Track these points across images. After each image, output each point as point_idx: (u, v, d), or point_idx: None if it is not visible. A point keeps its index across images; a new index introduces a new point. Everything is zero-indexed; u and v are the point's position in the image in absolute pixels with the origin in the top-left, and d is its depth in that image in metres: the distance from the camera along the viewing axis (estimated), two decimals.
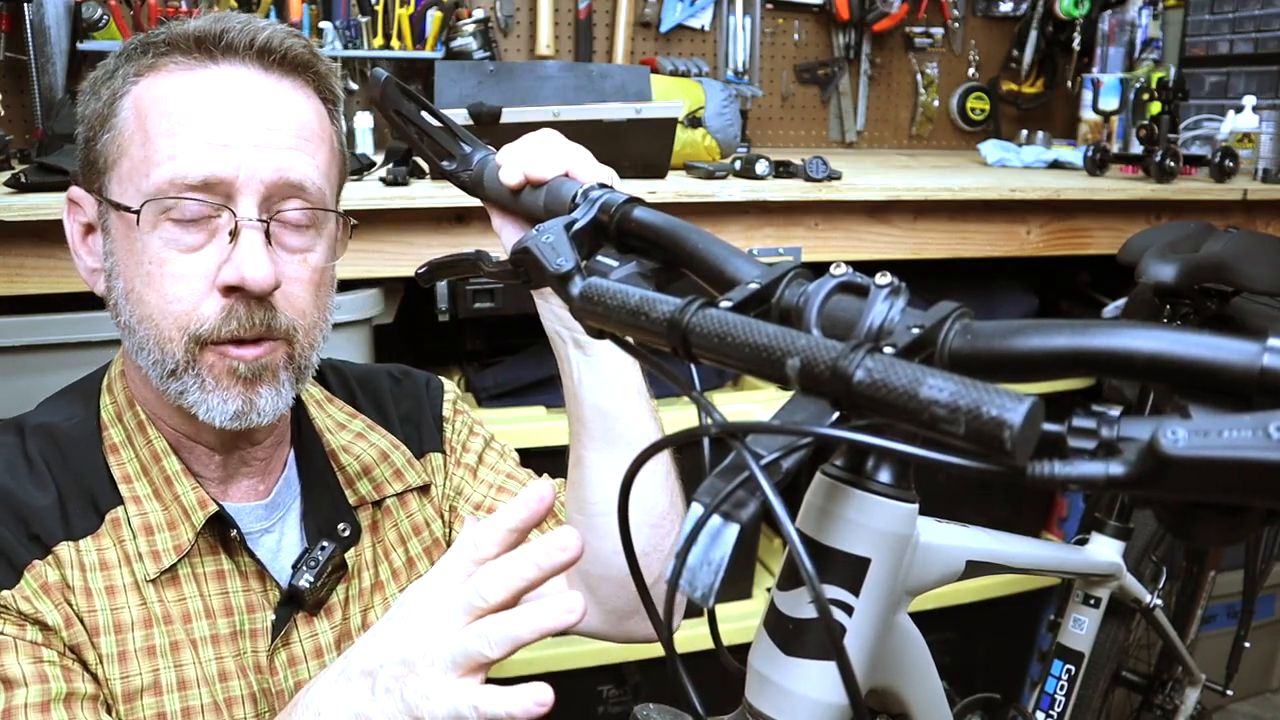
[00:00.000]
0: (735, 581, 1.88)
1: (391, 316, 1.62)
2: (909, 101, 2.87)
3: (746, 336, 0.48)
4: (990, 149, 2.29)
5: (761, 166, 1.71)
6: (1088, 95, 2.51)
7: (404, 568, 0.97)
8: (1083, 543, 1.37)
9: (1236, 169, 1.98)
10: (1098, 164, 2.02)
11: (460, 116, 1.53)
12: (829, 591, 0.57)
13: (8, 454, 0.82)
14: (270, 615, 0.87)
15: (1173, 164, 1.90)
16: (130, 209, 0.78)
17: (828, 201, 1.69)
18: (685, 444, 0.52)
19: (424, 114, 0.83)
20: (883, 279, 0.52)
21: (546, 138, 0.80)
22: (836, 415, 0.45)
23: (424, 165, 1.62)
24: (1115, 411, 0.42)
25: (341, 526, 0.92)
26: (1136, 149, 2.06)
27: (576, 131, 0.83)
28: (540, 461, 1.11)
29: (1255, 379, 0.40)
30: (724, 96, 1.96)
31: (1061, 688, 1.38)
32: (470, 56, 2.27)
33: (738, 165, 1.74)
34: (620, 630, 0.98)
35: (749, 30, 2.63)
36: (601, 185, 0.73)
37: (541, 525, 0.87)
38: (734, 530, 0.45)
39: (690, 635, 0.88)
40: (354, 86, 2.21)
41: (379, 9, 2.20)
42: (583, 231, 0.69)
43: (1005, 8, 2.84)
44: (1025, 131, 2.61)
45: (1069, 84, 2.82)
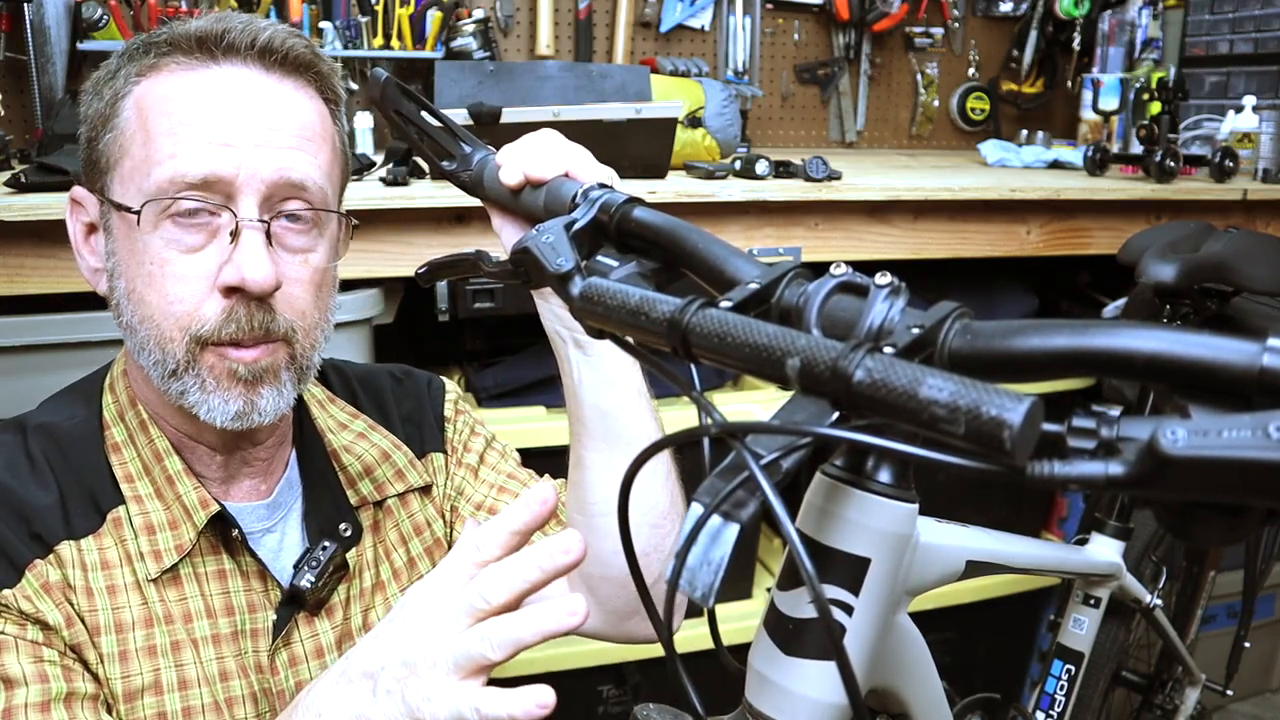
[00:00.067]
0: (735, 581, 1.88)
1: (391, 316, 1.62)
2: (909, 101, 2.87)
3: (746, 336, 0.48)
4: (990, 149, 2.29)
5: (761, 166, 1.71)
6: (1088, 95, 2.51)
7: (405, 568, 0.97)
8: (1083, 543, 1.37)
9: (1236, 169, 1.98)
10: (1098, 164, 2.02)
11: (460, 116, 1.53)
12: (829, 591, 0.57)
13: (9, 453, 0.82)
14: (271, 615, 0.87)
15: (1173, 164, 1.90)
16: (131, 209, 0.78)
17: (828, 201, 1.68)
18: (685, 444, 0.52)
19: (424, 114, 0.83)
20: (882, 279, 0.52)
21: (546, 138, 0.80)
22: (836, 415, 0.45)
23: (424, 165, 1.62)
24: (1115, 411, 0.42)
25: (343, 526, 0.92)
26: (1136, 149, 2.06)
27: (576, 131, 0.83)
28: (540, 461, 1.11)
29: (1255, 379, 0.40)
30: (724, 96, 1.96)
31: (1061, 688, 1.38)
32: (470, 56, 2.27)
33: (738, 165, 1.74)
34: (621, 631, 0.98)
35: (749, 30, 2.63)
36: (601, 185, 0.73)
37: (543, 527, 0.87)
38: (734, 530, 0.45)
39: (690, 635, 0.88)
40: (354, 86, 2.21)
41: (379, 9, 2.20)
42: (583, 231, 0.69)
43: (1005, 8, 2.83)
44: (1025, 131, 2.61)
45: (1069, 84, 2.82)
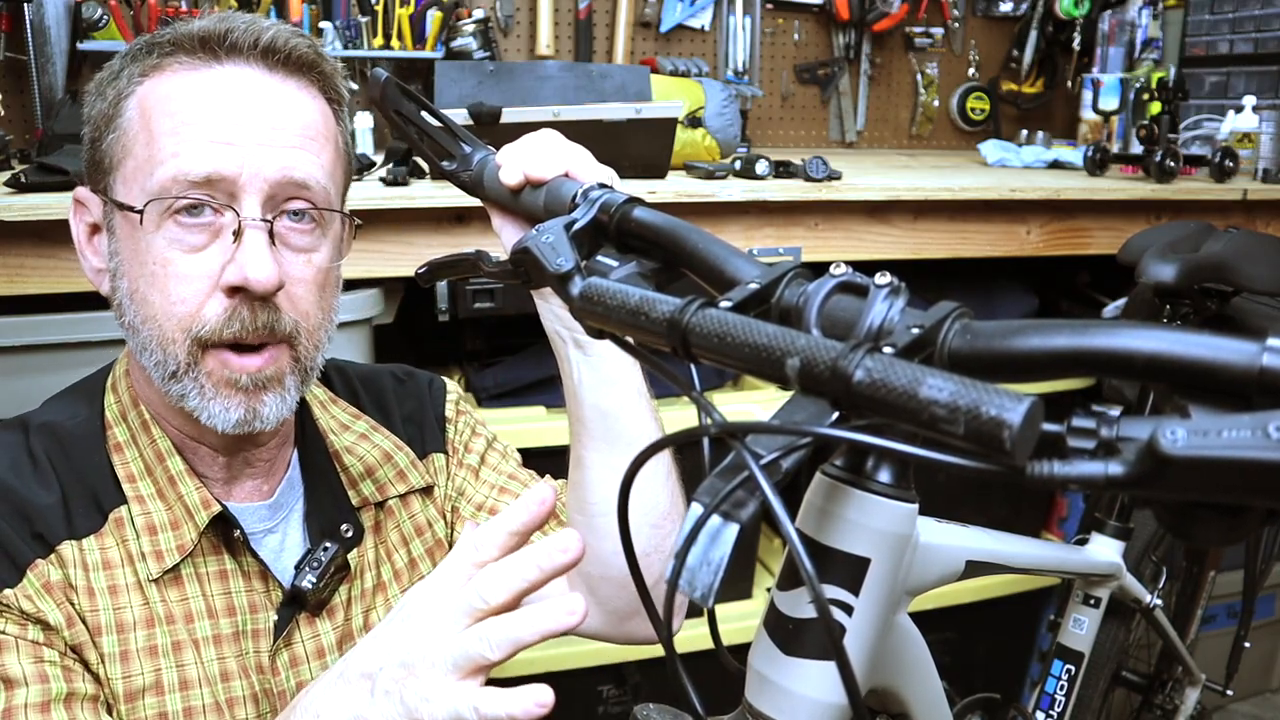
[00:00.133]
0: (735, 581, 1.88)
1: (391, 316, 1.62)
2: (909, 101, 2.87)
3: (746, 336, 0.48)
4: (990, 149, 2.29)
5: (761, 166, 1.71)
6: (1088, 95, 2.51)
7: (406, 568, 0.97)
8: (1083, 543, 1.37)
9: (1236, 169, 1.98)
10: (1098, 164, 2.02)
11: (460, 116, 1.53)
12: (829, 591, 0.57)
13: (11, 452, 0.82)
14: (272, 616, 0.87)
15: (1173, 164, 1.90)
16: (134, 209, 0.78)
17: (828, 201, 1.68)
18: (685, 444, 0.52)
19: (424, 114, 0.83)
20: (882, 279, 0.52)
21: (546, 138, 0.80)
22: (836, 415, 0.45)
23: (424, 165, 1.62)
24: (1115, 411, 0.42)
25: (344, 527, 0.92)
26: (1136, 149, 2.06)
27: (576, 131, 0.83)
28: (540, 461, 1.11)
29: (1255, 379, 0.40)
30: (724, 96, 1.96)
31: (1061, 688, 1.38)
32: (470, 56, 2.27)
33: (738, 165, 1.74)
34: (621, 631, 0.98)
35: (749, 30, 2.63)
36: (601, 185, 0.73)
37: (543, 527, 0.87)
38: (734, 530, 0.45)
39: (690, 635, 0.89)
40: (354, 86, 2.21)
41: (379, 9, 2.20)
42: (583, 231, 0.69)
43: (1005, 8, 2.83)
44: (1025, 131, 2.61)
45: (1069, 84, 2.82)
